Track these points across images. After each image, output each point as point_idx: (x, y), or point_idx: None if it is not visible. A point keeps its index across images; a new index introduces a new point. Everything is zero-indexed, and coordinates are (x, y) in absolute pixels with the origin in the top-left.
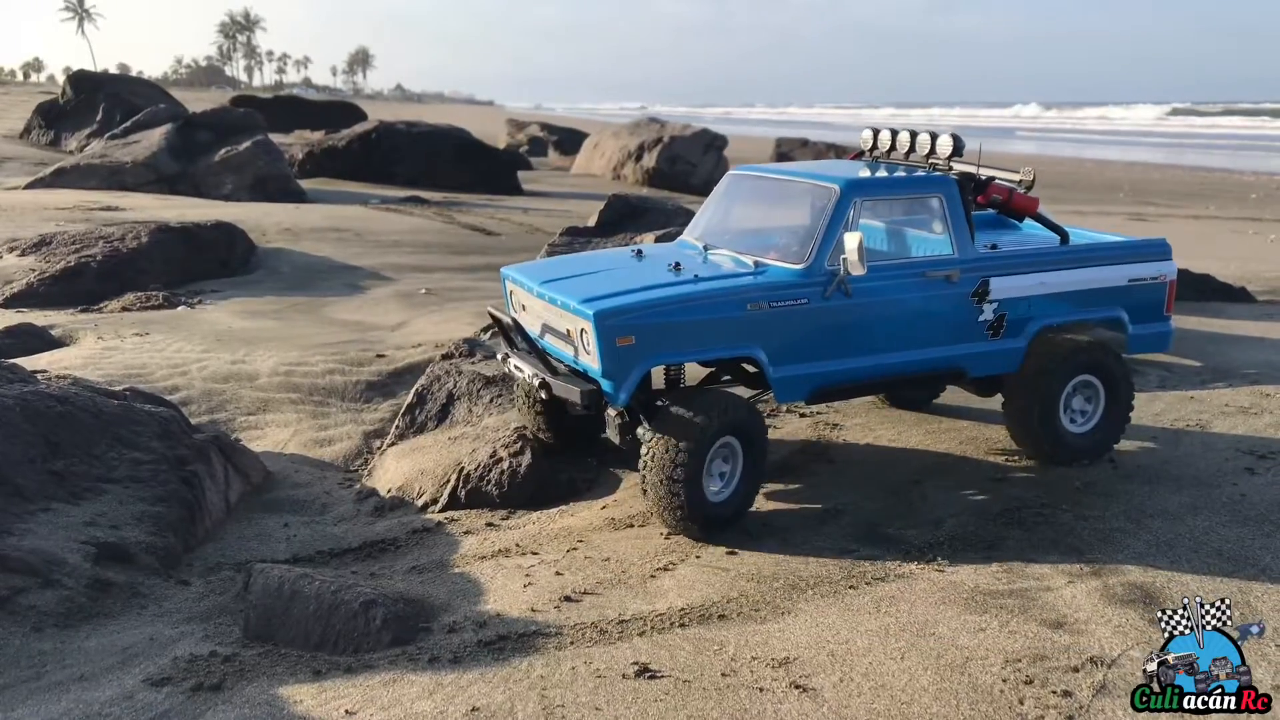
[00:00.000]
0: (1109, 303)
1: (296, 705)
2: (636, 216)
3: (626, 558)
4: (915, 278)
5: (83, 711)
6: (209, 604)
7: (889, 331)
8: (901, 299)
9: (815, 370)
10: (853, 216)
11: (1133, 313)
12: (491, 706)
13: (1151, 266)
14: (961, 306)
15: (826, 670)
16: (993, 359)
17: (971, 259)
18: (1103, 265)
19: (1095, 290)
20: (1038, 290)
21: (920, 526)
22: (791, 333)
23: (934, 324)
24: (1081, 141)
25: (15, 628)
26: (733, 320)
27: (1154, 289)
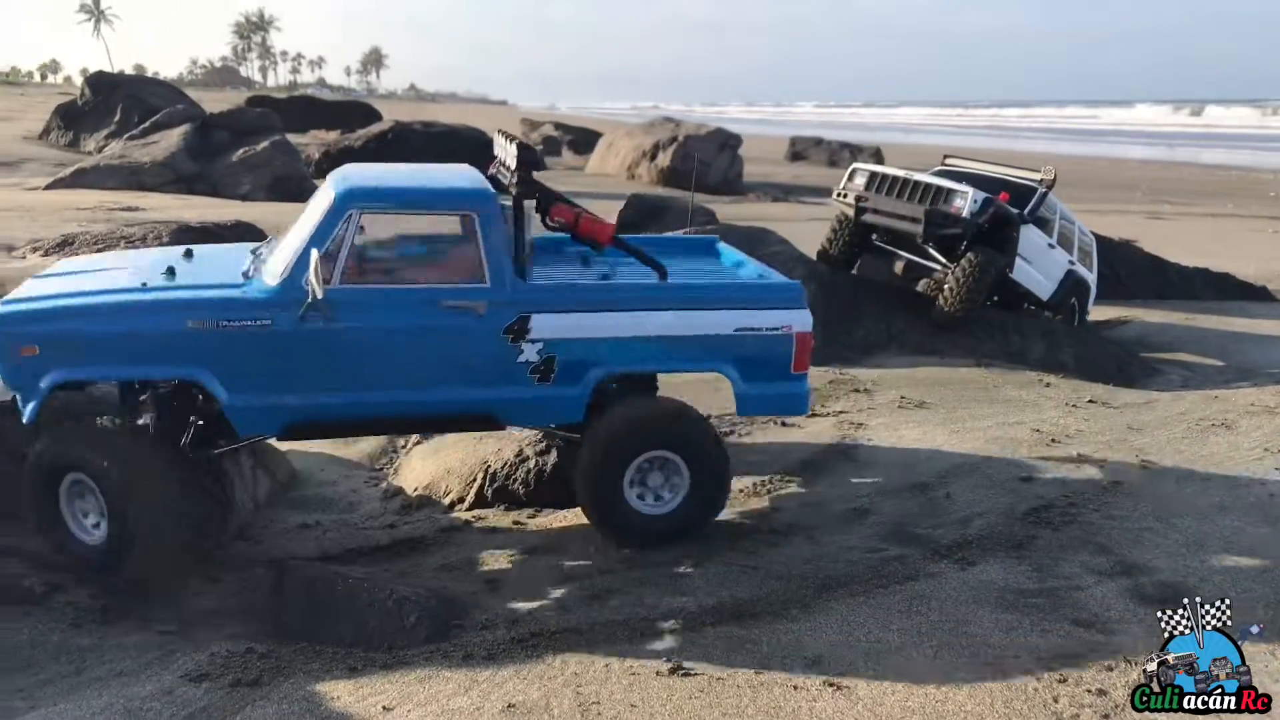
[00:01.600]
0: (706, 354)
1: (334, 701)
2: (657, 216)
3: (653, 557)
4: (426, 306)
5: (124, 706)
6: (242, 601)
7: (389, 366)
8: (404, 330)
9: (289, 403)
10: (346, 231)
11: (744, 368)
12: (528, 703)
13: (771, 315)
14: (491, 344)
15: (859, 668)
16: (542, 407)
17: (506, 290)
18: (699, 309)
19: (685, 338)
20: (600, 332)
21: (948, 526)
22: (253, 358)
23: (452, 361)
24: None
25: (54, 624)
26: (170, 337)
27: (773, 342)
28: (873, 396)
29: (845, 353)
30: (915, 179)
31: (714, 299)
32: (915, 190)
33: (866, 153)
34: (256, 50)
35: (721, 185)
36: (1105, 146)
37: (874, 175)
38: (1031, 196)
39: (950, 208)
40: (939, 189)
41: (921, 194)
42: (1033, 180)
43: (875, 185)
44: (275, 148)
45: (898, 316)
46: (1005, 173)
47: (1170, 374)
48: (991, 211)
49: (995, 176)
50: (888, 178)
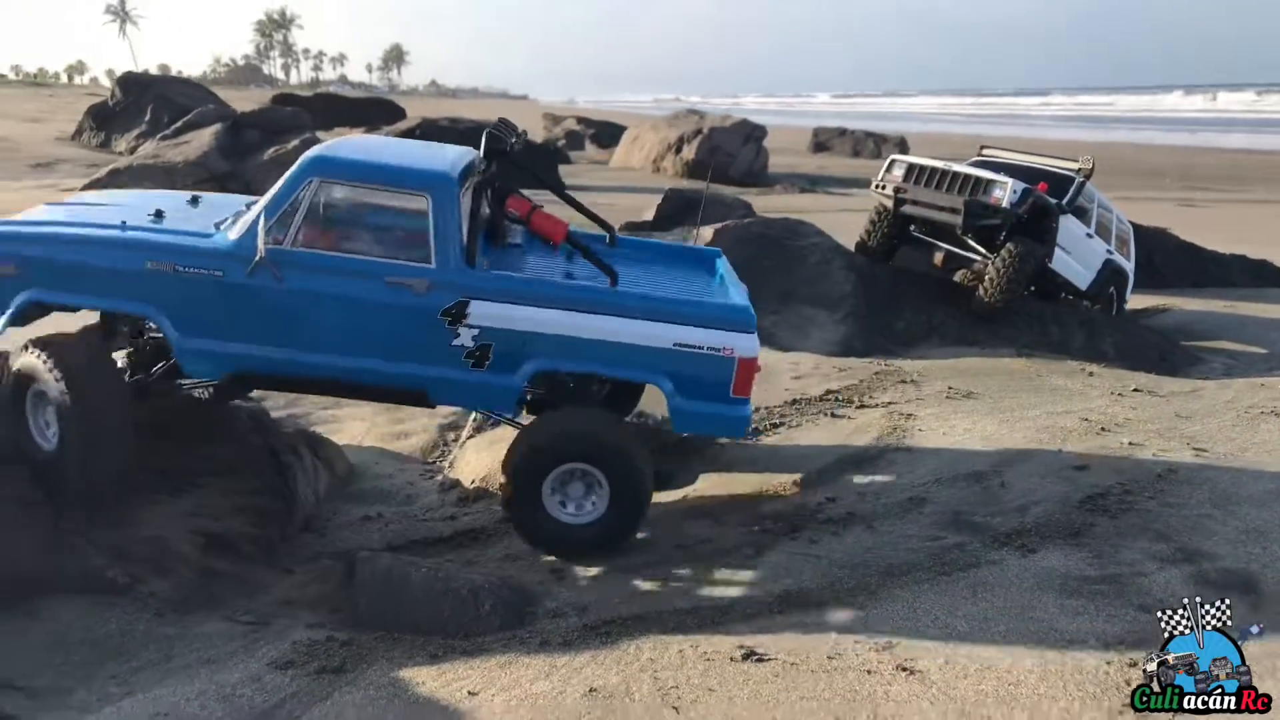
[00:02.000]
0: (642, 363)
1: (420, 686)
2: (695, 209)
3: (716, 546)
4: (370, 279)
5: (216, 692)
6: (313, 592)
7: (329, 331)
8: (344, 298)
9: (231, 351)
10: (304, 196)
11: (680, 383)
12: (608, 687)
13: (714, 335)
14: (426, 323)
15: (930, 653)
16: (474, 392)
17: (450, 271)
18: (639, 319)
19: (622, 345)
20: (537, 327)
21: (1005, 514)
22: (203, 305)
23: (390, 335)
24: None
25: (139, 613)
26: (129, 274)
27: (713, 362)
28: (920, 387)
29: (886, 344)
30: (954, 170)
31: (656, 311)
32: (954, 181)
33: (891, 142)
34: (279, 48)
35: (747, 177)
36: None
37: (912, 166)
38: (1069, 186)
39: (990, 198)
40: (978, 180)
41: (960, 185)
42: (1070, 170)
43: (914, 177)
44: (306, 146)
45: (938, 308)
46: (1043, 163)
47: (1213, 362)
48: (1031, 202)
49: (1033, 167)
50: (926, 169)
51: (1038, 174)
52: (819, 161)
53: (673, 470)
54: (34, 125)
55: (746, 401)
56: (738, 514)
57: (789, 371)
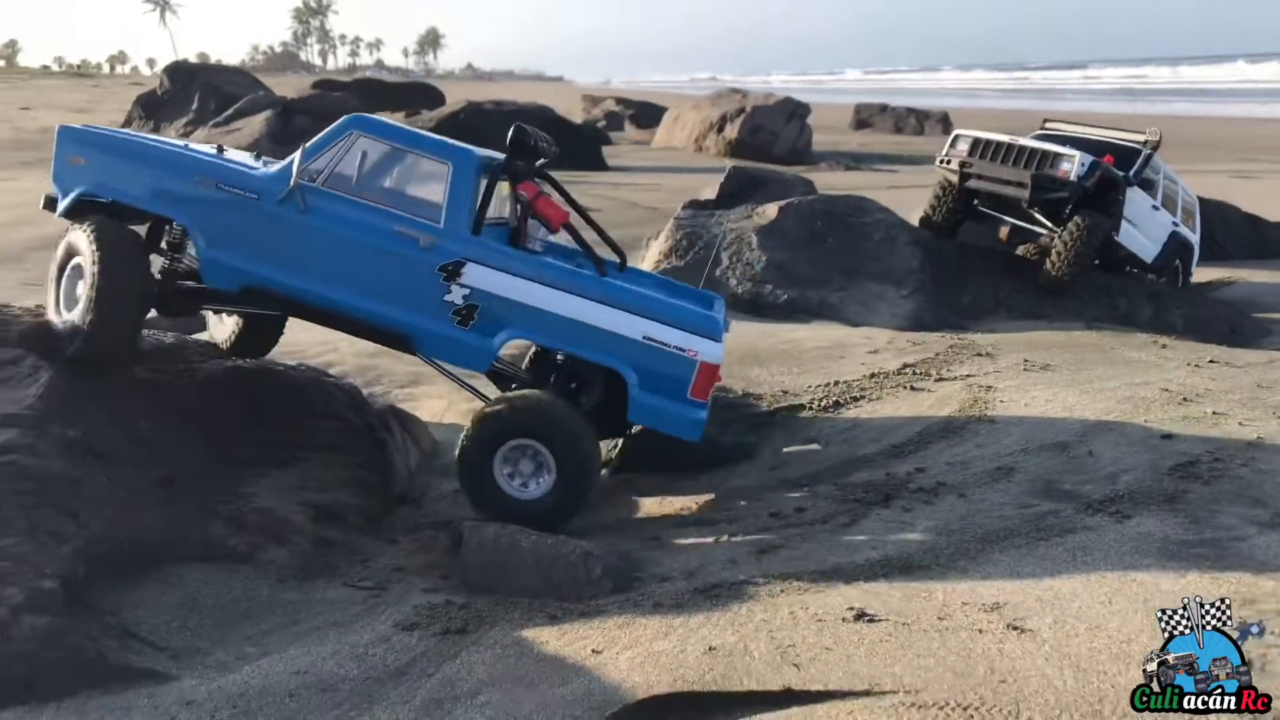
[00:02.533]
0: (611, 350)
1: (544, 645)
2: (757, 187)
3: (811, 514)
4: (385, 225)
5: (350, 652)
6: (421, 560)
7: (339, 265)
8: (356, 238)
9: (249, 267)
10: (341, 146)
11: (643, 375)
12: (727, 646)
13: (681, 336)
14: (425, 276)
15: (1038, 613)
16: (454, 347)
17: (455, 234)
18: (615, 308)
19: (595, 329)
20: (521, 298)
21: (1096, 482)
22: (232, 222)
23: (389, 280)
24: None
25: (262, 580)
26: (177, 184)
27: (676, 361)
28: (995, 360)
29: (953, 318)
30: (1020, 144)
31: (630, 304)
32: (1020, 155)
33: (933, 119)
34: (315, 34)
35: (790, 155)
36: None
37: (977, 141)
38: (1135, 158)
39: (1057, 171)
40: (1045, 153)
41: (1027, 159)
42: (1137, 142)
43: (979, 151)
44: None
45: (1004, 281)
46: (1108, 135)
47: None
48: (1099, 174)
49: (1098, 139)
50: (991, 143)
51: (1103, 146)
52: (861, 139)
53: (756, 443)
54: (82, 115)
55: (704, 405)
56: (828, 484)
57: (863, 345)
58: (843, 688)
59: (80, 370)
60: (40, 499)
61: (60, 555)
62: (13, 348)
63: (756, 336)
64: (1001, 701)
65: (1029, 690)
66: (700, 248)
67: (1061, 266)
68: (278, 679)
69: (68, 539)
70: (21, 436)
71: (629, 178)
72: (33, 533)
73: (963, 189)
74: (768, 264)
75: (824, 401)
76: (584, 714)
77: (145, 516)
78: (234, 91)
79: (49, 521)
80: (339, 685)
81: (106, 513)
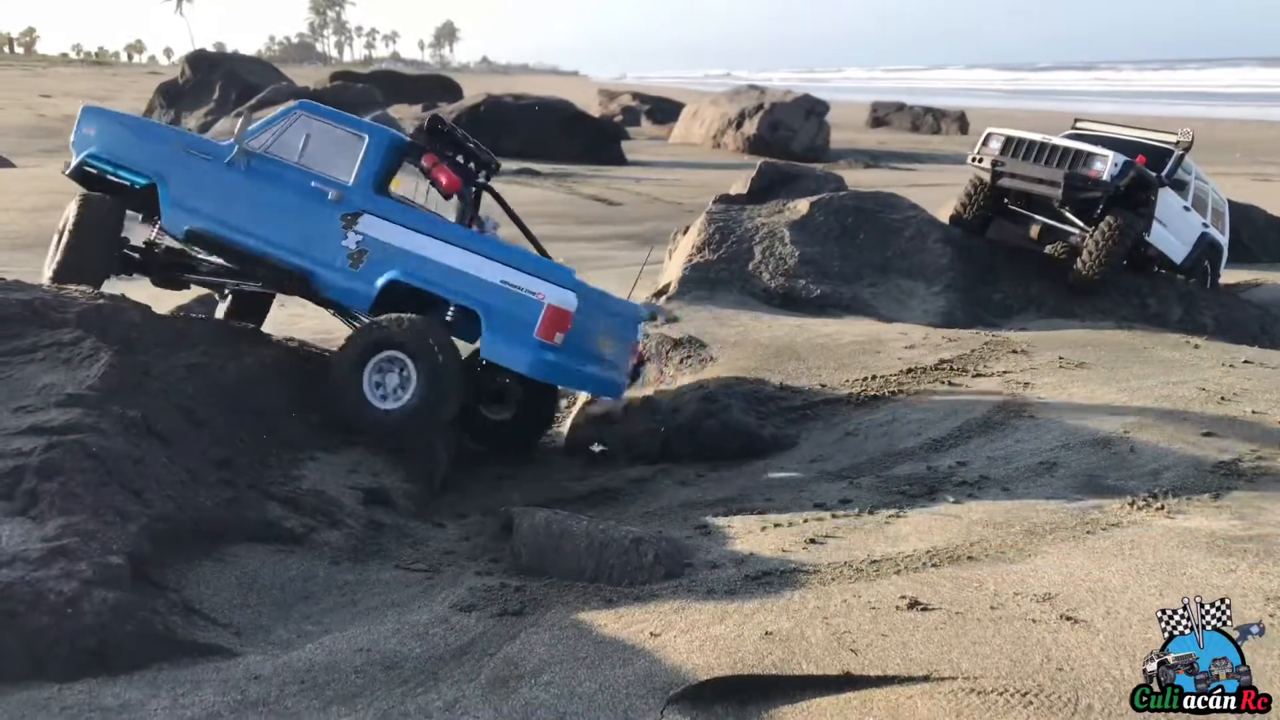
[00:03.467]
0: (472, 292)
1: (602, 628)
2: (788, 183)
3: (856, 505)
4: (306, 183)
5: (410, 631)
6: (471, 544)
7: (263, 214)
8: (283, 193)
9: (197, 216)
10: (287, 123)
11: (497, 315)
12: (783, 631)
13: (535, 283)
14: (329, 223)
15: (1090, 605)
16: (344, 288)
17: (360, 191)
18: (481, 256)
19: (461, 273)
20: (401, 244)
21: (1139, 478)
22: (191, 178)
23: (302, 226)
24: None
25: (317, 560)
26: (159, 148)
27: (526, 303)
28: (1031, 358)
29: (984, 316)
30: (1053, 143)
31: (494, 255)
32: (1053, 154)
33: (950, 118)
34: (332, 26)
35: (809, 153)
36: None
37: (1009, 139)
38: (1167, 159)
39: (1090, 171)
40: (1078, 152)
41: (1059, 158)
42: (1168, 143)
43: (1011, 149)
44: (378, 122)
45: (1034, 280)
46: (1139, 135)
47: None
48: (1131, 175)
49: (1130, 140)
50: (1024, 141)
51: (1135, 147)
52: (878, 137)
53: (796, 435)
54: (102, 103)
55: (549, 347)
56: (870, 476)
57: (899, 341)
58: (901, 673)
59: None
60: (105, 477)
61: (127, 532)
62: (72, 329)
63: (792, 331)
64: (1060, 689)
65: (1086, 679)
66: (733, 242)
67: (1093, 266)
68: (342, 656)
69: (133, 517)
70: (85, 416)
71: (649, 172)
72: (100, 510)
73: (994, 187)
74: (800, 259)
75: (862, 395)
76: (646, 694)
77: (204, 496)
78: (255, 81)
79: (115, 499)
80: (403, 663)
81: (168, 492)
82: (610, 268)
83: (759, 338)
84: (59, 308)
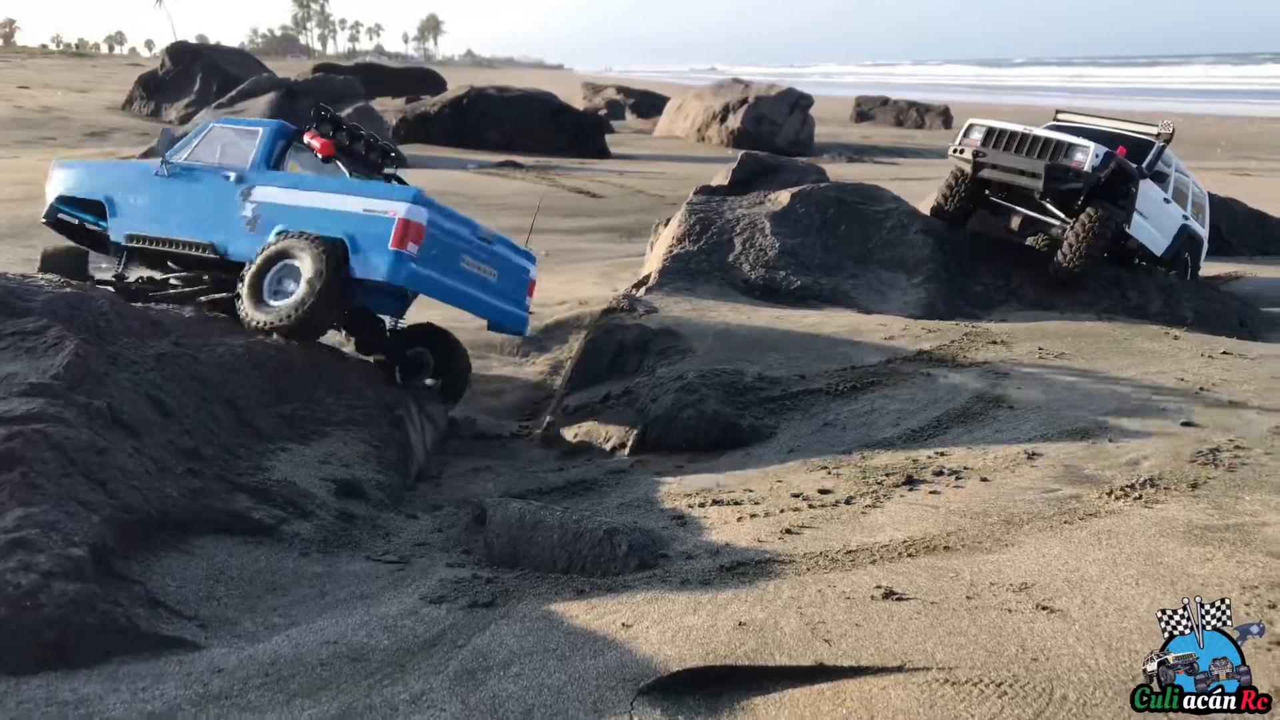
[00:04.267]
0: (341, 223)
1: (574, 619)
2: (769, 174)
3: (835, 495)
4: (216, 175)
5: (379, 623)
6: (443, 536)
7: (184, 209)
8: (199, 188)
9: (132, 221)
10: (205, 137)
11: (359, 238)
12: (756, 621)
13: (386, 204)
14: (232, 199)
15: (1067, 594)
16: (247, 246)
17: (255, 169)
18: (345, 194)
19: (330, 210)
20: (282, 200)
21: (1117, 468)
22: (128, 194)
23: (214, 210)
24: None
25: (286, 553)
26: (107, 177)
27: (381, 221)
28: (1010, 348)
29: (964, 307)
30: (1034, 134)
31: (352, 190)
32: (1034, 145)
33: (934, 112)
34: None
35: (793, 147)
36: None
37: (991, 130)
38: (1147, 151)
39: (1071, 162)
40: (1059, 143)
41: (1040, 149)
42: (1149, 134)
43: (993, 140)
44: (359, 115)
45: (1014, 271)
46: (1120, 127)
47: None
48: (1112, 166)
49: (1111, 131)
50: (1005, 132)
51: (1115, 138)
52: (862, 131)
53: (775, 425)
54: (82, 95)
55: (405, 256)
56: (849, 466)
57: (878, 332)
58: (874, 664)
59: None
60: (68, 468)
61: (90, 524)
62: (37, 317)
63: (771, 322)
64: (1035, 679)
65: (1061, 669)
66: (714, 233)
67: (1073, 258)
68: (308, 649)
69: (96, 508)
70: (48, 406)
71: (632, 165)
72: (61, 501)
73: (975, 179)
74: (781, 250)
75: (841, 386)
76: (617, 685)
77: (171, 487)
78: (236, 73)
79: (78, 490)
80: (370, 655)
81: (133, 483)
82: (592, 260)
83: (738, 329)
84: (24, 296)
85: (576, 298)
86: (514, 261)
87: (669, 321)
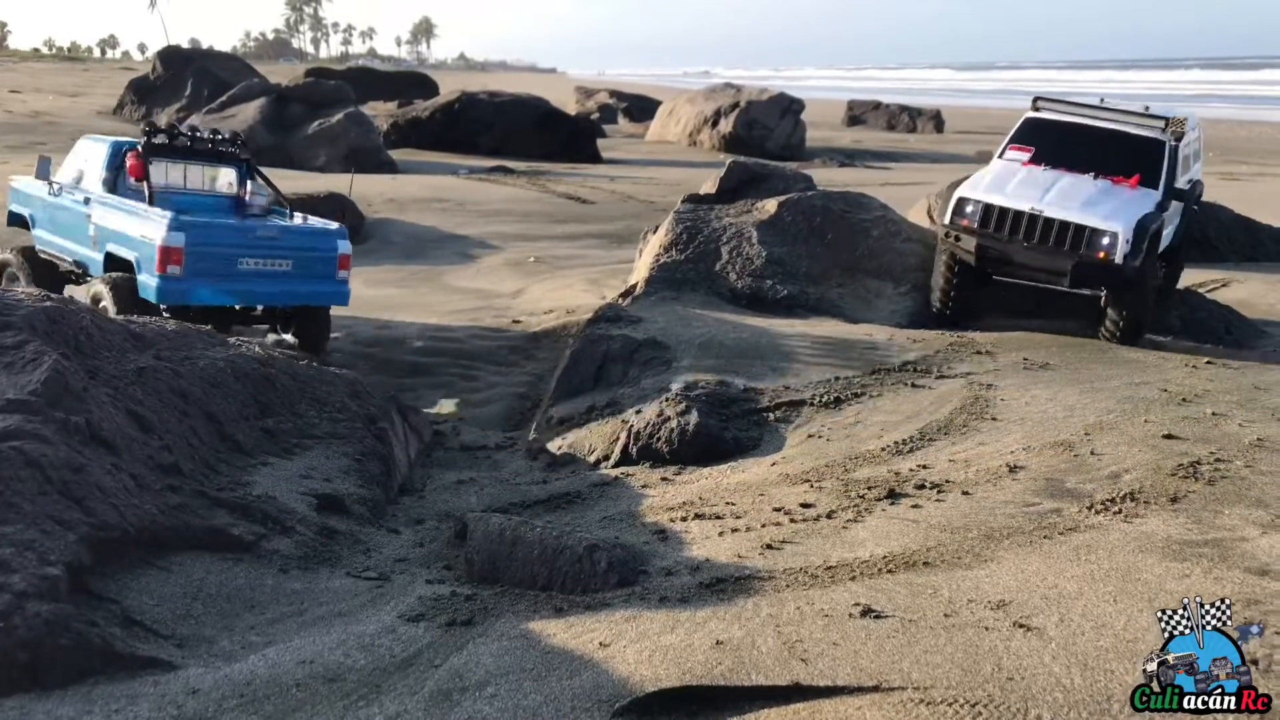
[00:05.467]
0: (131, 248)
1: (551, 638)
2: (757, 182)
3: (816, 510)
4: (78, 198)
5: (356, 642)
6: (425, 551)
7: (63, 226)
8: (70, 208)
9: (40, 238)
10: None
11: (141, 262)
12: (734, 640)
13: (154, 229)
14: (84, 219)
15: (1044, 611)
16: (95, 263)
17: (96, 194)
18: (132, 217)
19: (121, 234)
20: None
21: (1098, 481)
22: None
23: (78, 228)
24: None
25: (265, 569)
26: (28, 198)
27: (148, 247)
28: (995, 359)
29: (950, 317)
30: (1046, 216)
31: (140, 215)
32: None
33: (926, 116)
34: (308, 22)
35: (784, 151)
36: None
37: (990, 209)
38: (1154, 148)
39: (1098, 253)
40: (1078, 228)
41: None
42: (1153, 128)
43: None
44: (350, 120)
45: None
46: (1109, 119)
47: (1278, 335)
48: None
49: (1109, 130)
50: (1009, 213)
51: (1111, 139)
52: (854, 135)
53: (759, 437)
54: (74, 100)
55: (169, 278)
56: (832, 480)
57: (864, 343)
58: (851, 683)
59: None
60: (44, 485)
61: (65, 542)
62: (16, 332)
63: (757, 332)
64: (1010, 699)
65: (1036, 688)
66: (700, 242)
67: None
68: (284, 669)
69: (73, 526)
70: (25, 422)
71: (624, 170)
72: (37, 519)
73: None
74: (767, 259)
75: (826, 397)
76: (592, 707)
77: (150, 504)
78: (228, 78)
79: (54, 508)
80: (346, 675)
81: (111, 500)
82: (581, 266)
83: (724, 339)
84: (3, 310)
85: (565, 305)
86: (309, 247)
87: (654, 332)
